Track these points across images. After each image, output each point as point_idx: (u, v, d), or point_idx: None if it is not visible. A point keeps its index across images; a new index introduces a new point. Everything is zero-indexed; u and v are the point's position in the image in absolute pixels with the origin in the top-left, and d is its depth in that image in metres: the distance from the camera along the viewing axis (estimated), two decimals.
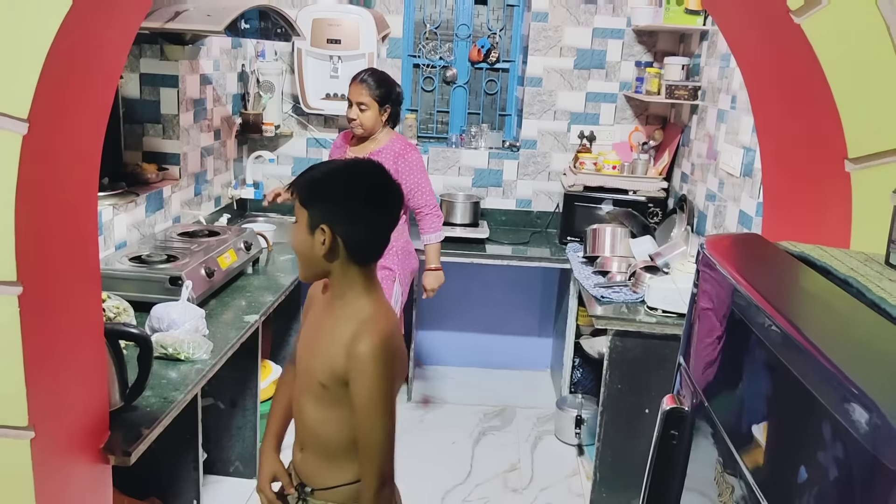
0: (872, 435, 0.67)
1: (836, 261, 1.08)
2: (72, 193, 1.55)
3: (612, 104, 4.08)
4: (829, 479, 0.76)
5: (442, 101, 4.31)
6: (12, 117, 1.34)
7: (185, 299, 2.40)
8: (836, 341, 0.83)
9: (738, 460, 0.98)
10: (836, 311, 0.94)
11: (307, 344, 1.63)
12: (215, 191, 3.77)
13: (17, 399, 1.46)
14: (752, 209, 2.82)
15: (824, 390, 0.77)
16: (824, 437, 0.77)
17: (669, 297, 2.79)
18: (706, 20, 3.52)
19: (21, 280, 1.40)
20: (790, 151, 1.53)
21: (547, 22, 3.97)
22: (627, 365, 2.82)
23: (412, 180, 3.02)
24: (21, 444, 1.49)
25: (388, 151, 3.01)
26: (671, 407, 1.25)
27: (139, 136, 3.25)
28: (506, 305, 4.30)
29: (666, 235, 3.49)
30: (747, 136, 2.91)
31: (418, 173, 3.05)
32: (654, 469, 1.27)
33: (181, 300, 2.39)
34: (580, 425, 3.49)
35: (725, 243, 1.27)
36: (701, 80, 3.59)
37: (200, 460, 2.35)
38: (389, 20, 4.00)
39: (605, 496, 2.94)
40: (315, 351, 1.58)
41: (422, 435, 3.64)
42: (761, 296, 0.97)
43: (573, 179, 3.84)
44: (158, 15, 2.59)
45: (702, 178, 3.47)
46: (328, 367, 1.53)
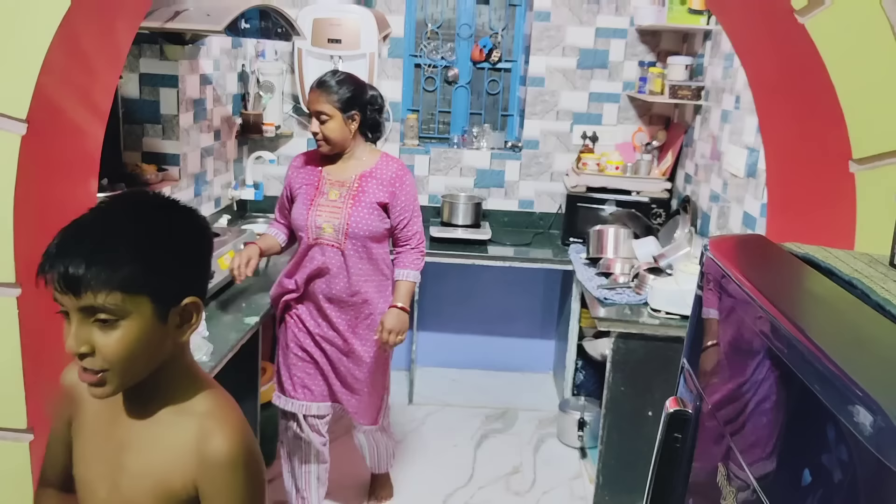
0: (877, 437, 0.67)
1: (840, 262, 1.07)
2: (71, 194, 1.55)
3: (615, 104, 4.07)
4: (834, 481, 0.75)
5: (444, 101, 4.30)
6: (12, 118, 1.33)
7: None
8: (841, 343, 0.83)
9: (742, 463, 0.97)
10: (841, 313, 0.93)
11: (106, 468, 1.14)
12: (215, 191, 3.77)
13: (16, 401, 1.45)
14: (755, 210, 2.81)
15: (828, 392, 0.76)
16: (828, 440, 0.76)
17: (673, 298, 2.78)
18: (710, 20, 3.51)
19: (20, 282, 1.40)
20: (794, 152, 1.52)
21: (549, 21, 3.96)
22: (630, 367, 2.81)
23: (409, 210, 2.62)
24: (20, 446, 1.49)
25: (380, 174, 2.58)
26: (674, 409, 1.24)
27: (139, 136, 3.25)
28: (508, 307, 4.29)
29: (669, 236, 3.48)
30: (751, 136, 2.90)
31: (414, 202, 2.65)
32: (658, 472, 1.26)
33: None
34: (583, 428, 3.48)
35: (729, 244, 1.27)
36: (704, 80, 3.58)
37: None
38: (390, 20, 4.00)
39: (608, 499, 2.93)
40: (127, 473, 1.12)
41: (423, 437, 3.63)
42: (765, 297, 0.96)
43: (576, 180, 3.83)
44: (158, 15, 2.58)
45: (705, 178, 3.46)
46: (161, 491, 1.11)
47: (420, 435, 3.65)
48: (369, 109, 2.58)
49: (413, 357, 3.96)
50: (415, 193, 2.65)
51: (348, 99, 2.50)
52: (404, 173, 2.60)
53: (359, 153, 2.62)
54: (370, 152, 2.64)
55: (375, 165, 2.60)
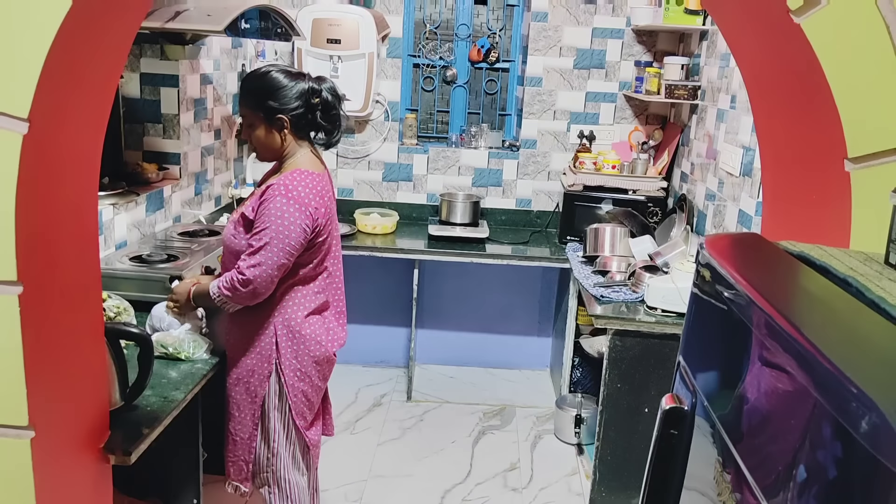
0: (872, 434, 0.67)
1: (835, 260, 1.08)
2: (72, 193, 1.55)
3: (611, 104, 4.08)
4: (829, 478, 0.76)
5: (442, 100, 4.31)
6: (12, 117, 1.34)
7: None
8: (836, 341, 0.83)
9: (738, 459, 0.98)
10: (836, 311, 0.94)
11: None
12: (216, 190, 3.77)
13: (18, 398, 1.46)
14: (751, 209, 2.82)
15: (823, 389, 0.77)
16: (824, 437, 0.77)
17: (669, 296, 2.79)
18: (706, 20, 3.52)
19: (21, 280, 1.40)
20: (790, 151, 1.53)
21: (547, 22, 3.97)
22: (627, 364, 2.82)
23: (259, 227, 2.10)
24: (21, 443, 1.49)
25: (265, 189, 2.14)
26: (671, 406, 1.24)
27: (139, 135, 3.26)
28: (505, 305, 4.30)
29: (665, 235, 3.49)
30: (747, 135, 2.91)
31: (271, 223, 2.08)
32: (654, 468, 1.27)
33: None
34: (580, 424, 3.49)
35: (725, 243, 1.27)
36: (700, 79, 3.59)
37: (200, 460, 2.35)
38: (389, 20, 4.00)
39: (605, 495, 2.95)
40: None
41: (421, 434, 3.64)
42: (760, 295, 0.97)
43: (573, 179, 3.84)
44: (158, 15, 2.59)
45: (701, 177, 3.47)
46: None
47: (418, 432, 3.66)
48: (307, 109, 2.18)
49: (411, 354, 3.97)
50: (275, 216, 2.07)
51: (270, 101, 2.13)
52: (274, 193, 2.09)
53: (289, 164, 2.21)
54: (297, 164, 2.20)
55: (276, 180, 2.15)
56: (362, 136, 4.18)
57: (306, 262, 2.21)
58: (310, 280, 2.25)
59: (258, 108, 2.15)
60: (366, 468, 3.30)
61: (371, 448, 3.50)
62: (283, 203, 2.08)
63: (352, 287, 4.28)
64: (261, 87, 2.15)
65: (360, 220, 3.93)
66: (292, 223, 2.08)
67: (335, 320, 2.37)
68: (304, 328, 2.23)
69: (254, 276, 2.08)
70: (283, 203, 2.08)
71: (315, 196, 2.14)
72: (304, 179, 2.14)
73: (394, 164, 4.20)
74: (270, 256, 2.08)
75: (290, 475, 2.35)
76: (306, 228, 2.11)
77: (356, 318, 4.32)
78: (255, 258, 2.08)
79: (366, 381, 4.16)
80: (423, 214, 4.23)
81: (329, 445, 3.47)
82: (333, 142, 2.29)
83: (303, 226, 2.10)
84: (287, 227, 2.08)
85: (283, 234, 2.08)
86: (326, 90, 2.21)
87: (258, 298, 2.14)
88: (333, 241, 2.29)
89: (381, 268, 4.13)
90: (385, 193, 4.25)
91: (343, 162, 4.21)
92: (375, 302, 4.27)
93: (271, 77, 2.15)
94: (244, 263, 2.10)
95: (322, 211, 2.17)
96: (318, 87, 2.20)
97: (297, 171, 2.15)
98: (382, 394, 4.01)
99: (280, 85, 2.14)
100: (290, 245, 2.09)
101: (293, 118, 2.17)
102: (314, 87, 2.19)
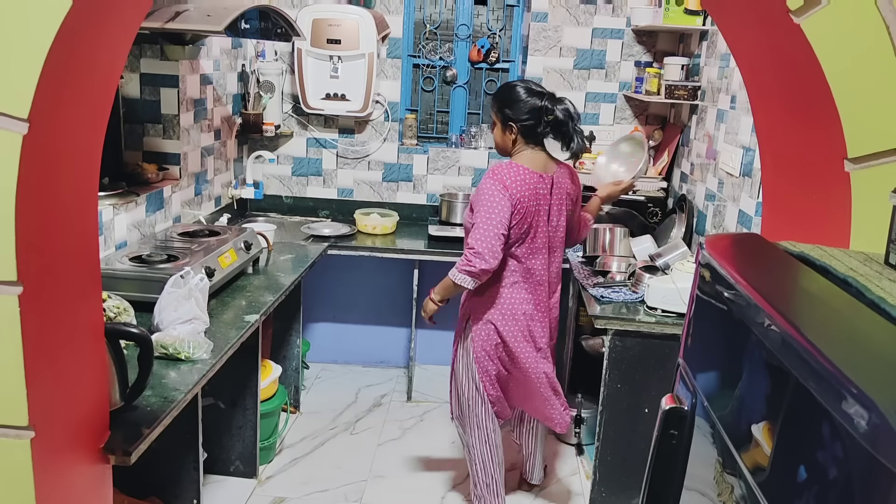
0: (872, 434, 0.67)
1: (835, 260, 1.08)
2: (72, 193, 1.55)
3: (611, 104, 4.08)
4: (829, 478, 0.76)
5: (442, 101, 4.31)
6: (12, 117, 1.34)
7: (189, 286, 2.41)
8: (836, 341, 0.83)
9: (738, 460, 0.98)
10: (836, 311, 0.94)
11: None
12: (215, 191, 3.77)
13: (18, 399, 1.46)
14: (751, 209, 2.82)
15: (823, 389, 0.77)
16: (824, 437, 0.77)
17: (669, 296, 2.79)
18: (706, 20, 3.52)
19: (21, 280, 1.40)
20: (789, 151, 1.53)
21: (546, 22, 3.97)
22: (627, 364, 2.82)
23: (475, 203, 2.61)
24: (21, 443, 1.49)
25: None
26: (671, 406, 1.25)
27: (139, 135, 3.26)
28: None
29: (665, 235, 3.49)
30: (747, 135, 2.91)
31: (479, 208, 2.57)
32: (654, 468, 1.27)
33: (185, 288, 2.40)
34: (580, 425, 3.49)
35: (725, 243, 1.27)
36: (700, 80, 3.59)
37: (200, 460, 2.36)
38: (389, 20, 4.00)
39: (605, 495, 2.94)
40: None
41: (422, 434, 3.64)
42: (760, 295, 0.97)
43: None
44: (158, 15, 2.59)
45: (701, 177, 3.47)
46: None
47: (418, 432, 3.66)
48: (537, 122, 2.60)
49: (412, 355, 3.97)
50: (486, 194, 2.54)
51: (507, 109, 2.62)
52: (486, 176, 2.58)
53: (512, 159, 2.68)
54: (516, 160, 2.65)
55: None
56: (362, 136, 4.18)
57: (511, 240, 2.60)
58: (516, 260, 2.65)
59: (499, 113, 2.64)
60: (366, 468, 3.30)
61: (371, 448, 3.50)
62: (490, 184, 2.53)
63: (352, 287, 4.28)
64: (505, 96, 2.62)
65: (360, 220, 3.93)
66: (497, 199, 2.51)
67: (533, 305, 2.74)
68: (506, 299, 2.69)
69: (480, 248, 2.49)
70: (490, 183, 2.53)
71: (517, 183, 2.54)
72: (512, 168, 2.57)
73: (394, 165, 4.20)
74: (487, 228, 2.49)
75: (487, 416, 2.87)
76: (508, 204, 2.51)
77: (356, 319, 4.32)
78: (477, 232, 2.51)
79: (366, 381, 4.16)
80: (423, 215, 4.23)
81: (329, 445, 3.47)
82: (573, 150, 2.66)
83: (507, 202, 2.51)
84: (494, 203, 2.50)
85: (492, 208, 2.50)
86: (560, 111, 2.59)
87: (489, 266, 2.52)
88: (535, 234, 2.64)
89: (381, 268, 4.13)
90: (385, 194, 4.25)
91: (343, 162, 4.21)
92: (375, 302, 4.27)
93: (514, 90, 2.61)
94: (471, 238, 2.53)
95: (524, 195, 2.55)
96: (552, 106, 2.59)
97: (511, 163, 2.60)
98: (382, 394, 4.01)
99: (517, 98, 2.59)
100: (500, 217, 2.50)
101: (522, 127, 2.60)
102: (547, 107, 2.58)
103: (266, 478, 3.16)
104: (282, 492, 3.06)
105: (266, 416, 3.13)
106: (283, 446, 3.40)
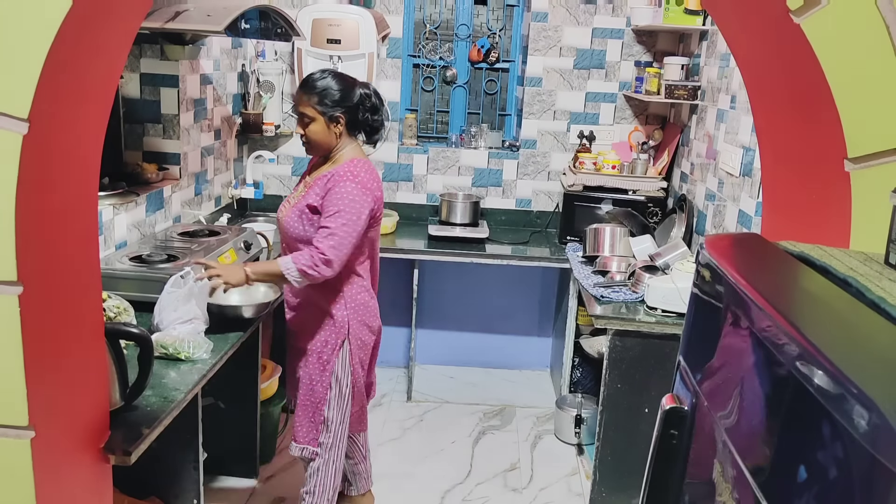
0: (872, 434, 0.67)
1: (835, 260, 1.08)
2: (72, 193, 1.55)
3: (611, 104, 4.08)
4: (829, 478, 0.76)
5: (442, 100, 4.31)
6: (12, 117, 1.34)
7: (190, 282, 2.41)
8: (836, 341, 0.83)
9: (738, 460, 0.98)
10: (836, 311, 0.94)
11: None
12: (215, 190, 3.77)
13: (18, 399, 1.46)
14: (751, 209, 2.82)
15: (823, 389, 0.77)
16: (824, 437, 0.77)
17: (669, 296, 2.79)
18: (706, 20, 3.52)
19: (21, 280, 1.40)
20: (789, 151, 1.53)
21: (546, 22, 3.97)
22: (627, 364, 2.82)
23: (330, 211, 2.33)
24: (21, 443, 1.49)
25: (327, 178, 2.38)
26: (671, 406, 1.25)
27: (139, 135, 3.26)
28: (505, 305, 4.30)
29: (665, 235, 3.49)
30: (747, 135, 2.91)
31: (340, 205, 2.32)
32: (654, 468, 1.27)
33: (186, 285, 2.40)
34: (580, 425, 3.49)
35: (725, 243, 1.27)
36: (700, 79, 3.59)
37: (200, 460, 2.36)
38: (389, 20, 4.00)
39: (605, 495, 2.95)
40: None
41: (421, 434, 3.64)
42: (761, 295, 0.97)
43: (573, 179, 3.84)
44: (158, 15, 2.59)
45: (701, 177, 3.47)
46: None
47: (418, 432, 3.66)
48: (360, 110, 2.42)
49: (411, 354, 3.97)
50: (347, 199, 2.31)
51: (332, 100, 2.37)
52: (340, 178, 2.34)
53: (340, 156, 2.44)
54: (349, 156, 2.43)
55: (335, 169, 2.39)
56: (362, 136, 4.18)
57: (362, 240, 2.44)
58: (364, 258, 2.51)
59: (319, 105, 2.38)
60: None
61: (371, 448, 3.50)
62: (352, 188, 2.33)
63: None
64: (324, 87, 2.38)
65: None
66: (361, 205, 2.34)
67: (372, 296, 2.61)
68: (367, 302, 2.52)
69: (334, 256, 2.29)
70: (353, 188, 2.33)
71: (374, 182, 2.42)
72: (364, 167, 2.41)
73: (394, 165, 4.20)
74: (345, 237, 2.31)
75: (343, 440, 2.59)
76: (369, 211, 2.37)
77: None
78: (334, 239, 2.30)
79: None
80: (423, 214, 4.23)
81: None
82: (378, 139, 2.54)
83: (368, 208, 2.37)
84: (357, 210, 2.33)
85: (354, 215, 2.32)
86: (374, 94, 2.47)
87: (331, 276, 2.34)
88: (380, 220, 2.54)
89: (381, 268, 4.11)
90: (385, 194, 4.25)
91: None
92: None
93: (333, 79, 2.40)
94: (323, 244, 2.29)
95: (379, 195, 2.45)
96: (368, 91, 2.45)
97: (357, 160, 2.41)
98: (382, 394, 4.01)
99: (340, 87, 2.39)
100: (360, 225, 2.35)
101: (348, 117, 2.41)
102: (365, 92, 2.44)
103: (266, 478, 3.16)
104: (282, 492, 3.06)
105: (266, 416, 3.13)
106: (282, 446, 3.40)
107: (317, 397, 2.49)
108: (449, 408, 3.92)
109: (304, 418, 2.52)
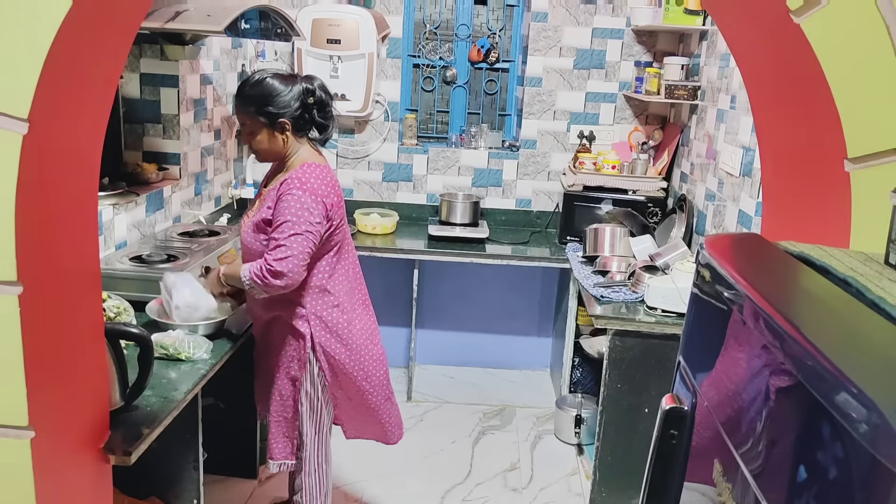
0: (872, 434, 0.67)
1: (835, 260, 1.08)
2: (72, 193, 1.55)
3: (611, 104, 4.08)
4: (829, 478, 0.76)
5: (442, 101, 4.31)
6: (12, 117, 1.34)
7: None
8: (836, 341, 0.83)
9: (738, 460, 0.98)
10: (836, 311, 0.94)
11: None
12: (215, 190, 3.77)
13: (18, 399, 1.46)
14: (751, 209, 2.82)
15: (823, 389, 0.77)
16: (824, 437, 0.77)
17: (669, 296, 2.79)
18: (706, 20, 3.52)
19: (21, 280, 1.40)
20: (789, 151, 1.53)
21: (546, 22, 3.97)
22: (627, 364, 2.82)
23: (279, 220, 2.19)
24: (21, 443, 1.49)
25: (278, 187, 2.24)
26: (671, 406, 1.25)
27: (139, 135, 3.26)
28: (505, 305, 4.30)
29: (665, 235, 3.49)
30: (747, 135, 2.91)
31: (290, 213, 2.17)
32: (654, 468, 1.27)
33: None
34: (580, 425, 3.49)
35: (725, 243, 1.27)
36: (700, 79, 3.59)
37: (200, 460, 2.35)
38: (389, 20, 4.00)
39: (605, 495, 2.95)
40: None
41: (421, 434, 3.64)
42: (760, 295, 0.97)
43: (573, 179, 3.84)
44: (158, 15, 2.59)
45: (701, 177, 3.47)
46: None
47: (418, 432, 3.66)
48: (305, 109, 2.26)
49: (411, 354, 3.97)
50: (294, 208, 2.17)
51: (272, 107, 2.21)
52: (289, 187, 2.19)
53: (292, 162, 2.29)
54: (300, 160, 2.28)
55: (286, 177, 2.24)
56: (362, 136, 4.18)
57: (324, 251, 2.31)
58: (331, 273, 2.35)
59: (259, 114, 2.23)
60: (366, 468, 3.30)
61: (371, 448, 3.49)
62: (300, 195, 2.18)
63: None
64: (260, 94, 2.22)
65: (360, 220, 3.93)
66: (311, 213, 2.18)
67: (361, 307, 2.49)
68: (337, 318, 2.36)
69: (283, 269, 2.16)
70: (300, 195, 2.18)
71: (327, 186, 2.24)
72: (315, 171, 2.24)
73: (394, 165, 4.20)
74: (295, 247, 2.16)
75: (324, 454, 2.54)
76: (322, 218, 2.22)
77: None
78: (281, 251, 2.16)
79: None
80: (423, 214, 4.23)
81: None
82: (328, 136, 2.37)
83: (320, 216, 2.21)
84: (307, 218, 2.17)
85: (304, 224, 2.17)
86: (319, 88, 2.29)
87: (289, 288, 2.22)
88: (346, 228, 2.40)
89: (381, 268, 4.13)
90: (385, 194, 4.25)
91: (343, 162, 4.21)
92: (375, 302, 4.21)
93: (268, 83, 2.22)
94: (270, 257, 2.17)
95: (335, 200, 2.28)
96: (312, 86, 2.28)
97: (307, 165, 2.25)
98: None
99: (278, 90, 2.22)
100: (312, 235, 2.19)
101: (293, 119, 2.25)
102: (308, 87, 2.27)
103: (266, 478, 3.16)
104: (282, 492, 3.05)
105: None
106: None
107: (289, 413, 2.44)
108: (449, 408, 3.92)
109: (278, 434, 2.47)
